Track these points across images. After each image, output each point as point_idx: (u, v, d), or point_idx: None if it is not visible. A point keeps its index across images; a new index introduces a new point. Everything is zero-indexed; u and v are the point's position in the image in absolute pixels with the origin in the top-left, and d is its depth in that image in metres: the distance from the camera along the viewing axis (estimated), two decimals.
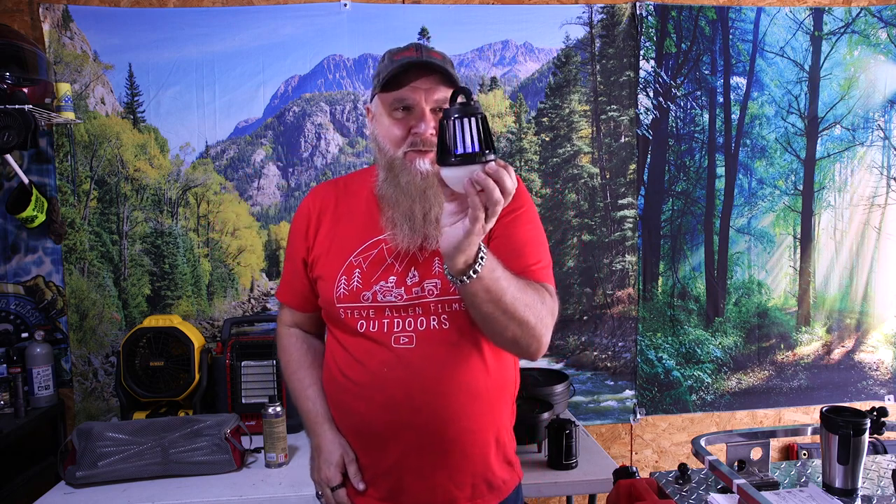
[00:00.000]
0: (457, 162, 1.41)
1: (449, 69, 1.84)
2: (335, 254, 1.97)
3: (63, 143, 3.38)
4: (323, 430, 2.03)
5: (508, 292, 1.61)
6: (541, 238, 1.97)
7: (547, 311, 1.75)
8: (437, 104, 1.82)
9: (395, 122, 1.85)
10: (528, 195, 2.01)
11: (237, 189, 3.57)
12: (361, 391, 1.90)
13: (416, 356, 1.85)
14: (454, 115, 1.42)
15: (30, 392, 3.26)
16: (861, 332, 4.01)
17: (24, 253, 3.41)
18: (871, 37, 3.83)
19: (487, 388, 1.91)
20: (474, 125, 1.41)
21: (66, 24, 3.33)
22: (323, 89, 3.58)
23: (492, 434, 1.95)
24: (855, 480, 2.03)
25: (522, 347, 1.76)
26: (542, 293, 1.76)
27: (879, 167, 3.92)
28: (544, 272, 1.89)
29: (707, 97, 3.78)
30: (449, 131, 1.42)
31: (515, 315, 1.65)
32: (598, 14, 3.65)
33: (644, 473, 2.91)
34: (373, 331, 1.89)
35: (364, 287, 1.89)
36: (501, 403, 1.99)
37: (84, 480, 2.67)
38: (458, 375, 1.86)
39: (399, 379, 1.85)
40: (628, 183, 3.76)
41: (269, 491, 2.65)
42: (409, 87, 1.82)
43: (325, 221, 2.03)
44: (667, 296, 3.85)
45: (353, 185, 2.08)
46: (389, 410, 1.86)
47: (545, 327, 1.74)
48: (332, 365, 2.00)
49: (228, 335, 3.35)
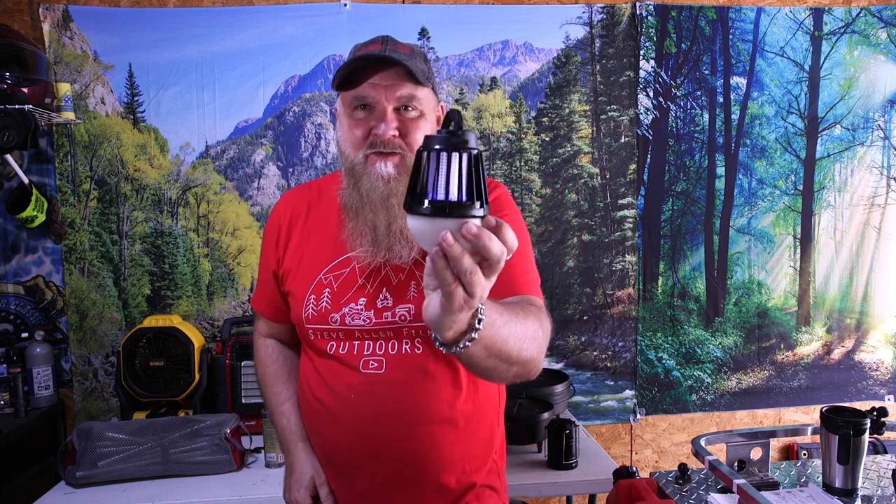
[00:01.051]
0: (427, 211, 0.99)
1: (411, 63, 1.65)
2: (305, 270, 1.85)
3: (63, 143, 3.38)
4: (296, 450, 1.97)
5: (510, 339, 1.30)
6: (529, 250, 1.85)
7: (544, 333, 1.49)
8: (399, 102, 1.67)
9: (354, 123, 1.71)
10: (512, 202, 1.85)
11: (237, 189, 3.57)
12: (329, 415, 1.81)
13: (385, 382, 1.73)
14: (435, 145, 1.01)
15: (30, 392, 3.26)
16: (861, 332, 4.01)
17: (24, 253, 3.42)
18: (871, 37, 3.83)
19: (465, 414, 1.79)
20: (463, 164, 1.00)
21: (66, 24, 3.33)
22: (323, 89, 3.58)
23: (470, 462, 1.82)
24: (855, 480, 2.04)
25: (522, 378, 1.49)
26: (539, 316, 1.51)
27: (879, 167, 3.93)
28: (533, 285, 1.73)
29: (707, 97, 3.78)
30: (425, 167, 1.01)
31: (520, 358, 1.35)
32: (598, 14, 3.65)
33: (644, 473, 2.92)
34: (342, 353, 1.79)
35: (333, 308, 1.78)
36: (481, 428, 1.86)
37: (84, 480, 2.68)
38: (429, 403, 1.74)
39: (366, 406, 1.74)
40: (628, 183, 3.76)
41: (268, 491, 2.65)
42: (369, 83, 1.66)
43: (296, 232, 1.91)
44: (667, 296, 3.85)
45: (327, 192, 1.91)
46: (356, 438, 1.77)
47: (544, 350, 1.48)
48: (305, 384, 1.91)
49: (228, 335, 3.36)
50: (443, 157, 1.00)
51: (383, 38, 1.75)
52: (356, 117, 1.70)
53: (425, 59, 1.76)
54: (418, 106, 1.69)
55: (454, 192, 0.99)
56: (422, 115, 1.70)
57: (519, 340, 1.33)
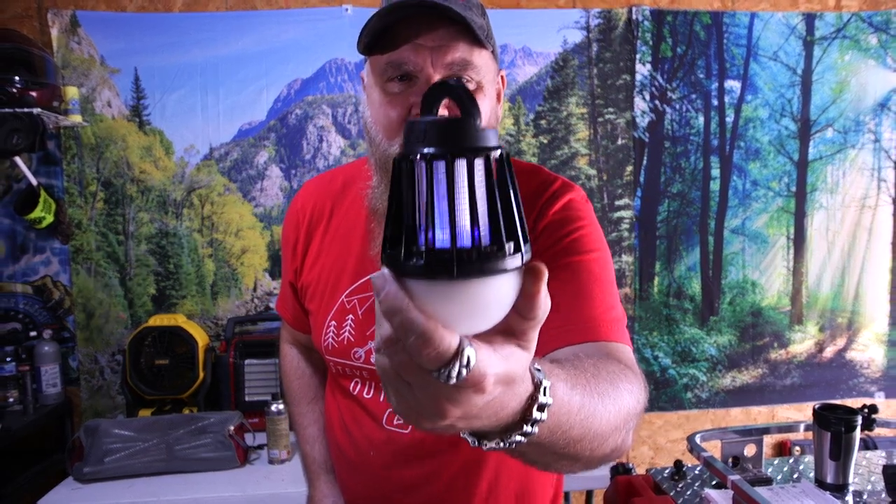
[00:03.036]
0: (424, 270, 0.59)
1: (469, 15, 1.18)
2: (325, 288, 1.51)
3: (70, 146, 3.41)
4: (318, 482, 1.73)
5: (576, 426, 0.82)
6: (609, 275, 1.29)
7: (640, 408, 0.99)
8: (450, 70, 1.22)
9: (389, 100, 1.25)
10: (588, 211, 1.36)
11: (240, 190, 3.59)
12: (350, 465, 1.55)
13: (411, 446, 1.41)
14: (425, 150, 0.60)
15: (38, 390, 3.28)
16: (852, 331, 4.05)
17: (33, 253, 3.44)
18: (862, 42, 3.87)
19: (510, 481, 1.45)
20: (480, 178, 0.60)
21: (74, 30, 3.36)
22: (325, 92, 3.61)
23: None
24: (846, 476, 2.04)
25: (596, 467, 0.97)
26: (632, 383, 0.99)
27: (870, 169, 3.96)
28: (617, 327, 1.20)
29: (702, 100, 3.81)
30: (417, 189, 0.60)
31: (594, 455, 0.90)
32: (595, 19, 3.69)
33: (640, 470, 2.94)
34: (366, 397, 1.47)
35: (357, 342, 1.43)
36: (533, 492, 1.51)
37: (91, 476, 2.71)
38: (464, 474, 1.42)
39: (388, 468, 1.45)
40: (625, 184, 3.80)
41: (271, 487, 2.68)
42: (412, 44, 1.20)
43: (317, 237, 1.55)
44: (663, 295, 3.88)
45: (353, 187, 1.53)
46: (378, 499, 1.49)
47: (630, 430, 0.97)
48: (328, 419, 1.66)
49: (232, 334, 3.38)
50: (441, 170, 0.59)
51: None
52: (391, 91, 1.25)
53: (483, 13, 1.30)
54: (475, 76, 1.25)
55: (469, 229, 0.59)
56: (479, 89, 1.27)
57: (597, 430, 0.86)
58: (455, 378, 0.58)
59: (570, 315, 1.14)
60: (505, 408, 0.67)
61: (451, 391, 0.60)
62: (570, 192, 1.35)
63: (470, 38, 1.20)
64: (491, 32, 1.29)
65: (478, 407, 0.63)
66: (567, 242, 1.26)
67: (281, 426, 2.88)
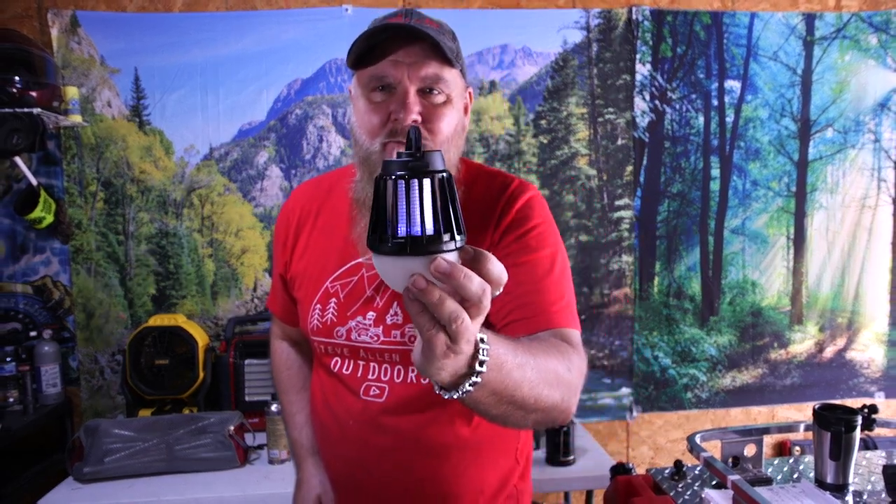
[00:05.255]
0: (392, 249, 0.86)
1: (441, 38, 1.41)
2: (311, 275, 1.68)
3: (70, 146, 3.41)
4: (305, 464, 1.89)
5: (524, 384, 1.10)
6: (562, 268, 1.54)
7: (574, 377, 1.27)
8: (424, 83, 1.43)
9: (372, 107, 1.46)
10: (544, 209, 1.59)
11: (241, 190, 3.60)
12: (332, 439, 1.70)
13: (385, 413, 1.57)
14: (395, 172, 0.86)
15: (38, 390, 3.29)
16: (852, 331, 4.05)
17: (33, 253, 3.44)
18: (862, 42, 3.87)
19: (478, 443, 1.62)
20: (426, 192, 0.86)
21: (74, 30, 3.36)
22: (325, 92, 3.61)
23: (483, 491, 1.65)
24: (846, 476, 2.03)
25: (547, 424, 1.29)
26: (567, 355, 1.29)
27: (870, 169, 3.96)
28: (566, 314, 1.46)
29: (702, 100, 3.82)
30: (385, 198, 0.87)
31: (538, 405, 1.15)
32: (595, 19, 3.69)
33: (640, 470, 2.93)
34: (346, 373, 1.63)
35: (339, 321, 1.60)
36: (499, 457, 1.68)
37: (91, 476, 2.71)
38: (436, 437, 1.57)
39: (366, 436, 1.59)
40: (625, 184, 3.80)
41: (271, 487, 2.68)
42: (389, 60, 1.42)
43: (304, 234, 1.73)
44: (663, 295, 3.88)
45: (338, 189, 1.71)
46: (358, 468, 1.64)
47: (573, 395, 1.27)
48: (314, 399, 1.80)
49: (232, 334, 3.39)
50: (401, 186, 0.85)
51: (407, 10, 1.51)
52: (374, 100, 1.46)
53: (454, 38, 1.52)
54: (445, 89, 1.46)
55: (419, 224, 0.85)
56: (448, 101, 1.47)
57: (536, 385, 1.12)
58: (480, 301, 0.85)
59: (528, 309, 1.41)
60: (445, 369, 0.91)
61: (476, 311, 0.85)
62: (527, 191, 1.58)
63: (441, 58, 1.42)
64: (460, 54, 1.51)
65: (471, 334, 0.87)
66: (525, 241, 1.50)
67: (281, 426, 2.86)
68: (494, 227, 1.53)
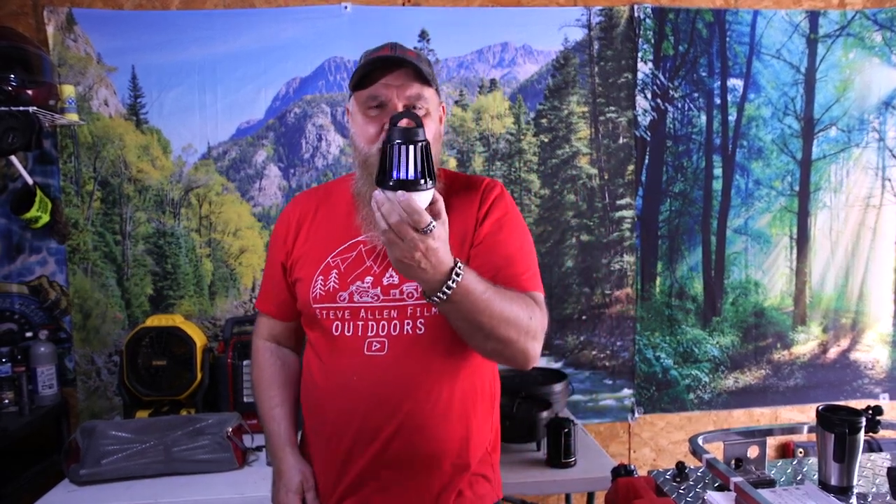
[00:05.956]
0: (390, 187, 1.40)
1: (420, 65, 1.81)
2: (313, 256, 1.96)
3: (67, 145, 3.39)
4: (284, 454, 2.02)
5: (485, 312, 1.58)
6: (528, 245, 1.96)
7: (535, 324, 1.71)
8: (409, 100, 1.81)
9: (369, 120, 1.84)
10: (510, 200, 2.00)
11: (239, 190, 3.58)
12: (332, 399, 1.89)
13: (386, 364, 1.83)
14: (396, 139, 1.42)
15: (34, 391, 3.27)
16: (856, 332, 4.03)
17: (29, 253, 3.43)
18: (866, 39, 3.85)
19: (462, 398, 1.90)
20: (412, 153, 1.41)
21: (70, 27, 3.35)
22: (324, 91, 3.60)
23: (464, 448, 1.91)
24: (850, 478, 2.02)
25: (507, 359, 1.75)
26: (530, 307, 1.72)
27: (874, 168, 3.95)
28: (533, 281, 1.87)
29: (704, 99, 3.80)
30: (388, 155, 1.42)
31: (493, 333, 1.63)
32: (596, 16, 3.67)
33: (642, 472, 2.92)
34: (347, 334, 1.87)
35: (340, 287, 1.88)
36: (477, 414, 1.95)
37: (88, 478, 2.69)
38: (428, 385, 1.84)
39: (367, 388, 1.83)
40: (626, 184, 3.78)
41: (270, 489, 2.63)
42: (381, 83, 1.81)
43: (305, 227, 2.02)
44: (664, 295, 3.87)
45: (335, 191, 2.08)
46: (356, 420, 1.85)
47: (531, 340, 1.71)
48: (307, 374, 2.00)
49: (230, 334, 3.37)
50: (397, 148, 1.41)
51: (392, 44, 1.88)
52: (370, 115, 1.83)
53: (429, 64, 1.90)
54: (425, 105, 1.83)
55: (406, 172, 1.41)
56: (427, 114, 1.84)
57: (495, 317, 1.61)
58: (427, 230, 1.40)
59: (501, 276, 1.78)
60: (442, 262, 1.47)
61: (424, 237, 1.40)
62: (496, 186, 2.00)
63: (421, 80, 1.82)
64: (435, 77, 1.90)
65: (431, 248, 1.42)
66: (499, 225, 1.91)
67: None
68: (476, 216, 1.91)
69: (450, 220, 1.55)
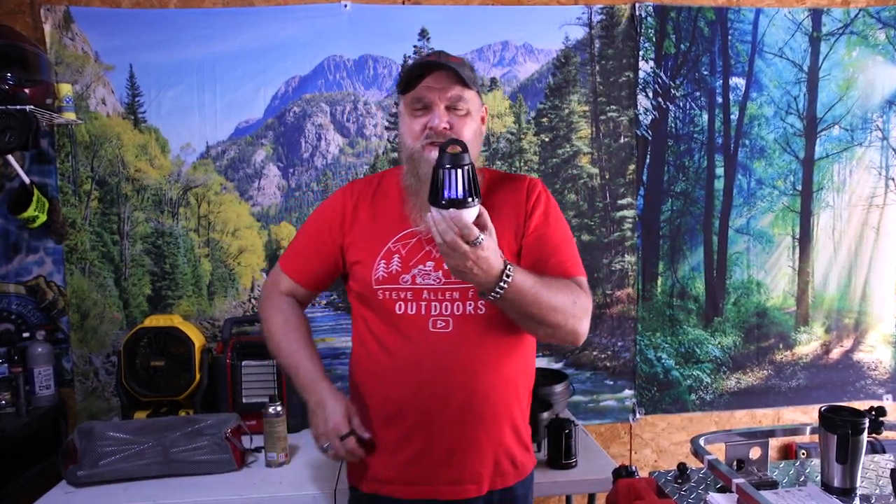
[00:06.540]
0: (441, 205, 1.65)
1: (460, 69, 1.97)
2: (373, 240, 2.11)
3: (64, 144, 3.38)
4: (323, 386, 2.10)
5: (535, 304, 1.84)
6: (570, 235, 2.19)
7: (579, 308, 1.95)
8: (450, 101, 2.00)
9: (414, 119, 2.03)
10: (550, 195, 2.22)
11: (238, 189, 3.57)
12: (396, 374, 2.04)
13: (453, 340, 2.00)
14: (446, 164, 1.65)
15: (31, 391, 3.26)
16: (859, 332, 4.02)
17: (26, 253, 3.42)
18: (870, 38, 3.84)
19: (514, 373, 2.10)
20: (459, 175, 1.64)
21: (68, 25, 3.33)
22: (323, 90, 3.59)
23: (515, 417, 2.13)
24: (853, 480, 2.02)
25: (559, 340, 2.04)
26: (575, 293, 1.96)
27: (878, 167, 3.93)
28: (577, 267, 2.09)
29: (706, 98, 3.79)
30: (439, 177, 1.66)
31: (544, 320, 1.88)
32: (597, 15, 3.66)
33: (643, 473, 2.92)
34: (411, 313, 2.02)
35: (403, 270, 2.04)
36: (524, 389, 2.18)
37: (85, 480, 2.68)
38: (489, 360, 2.02)
39: (436, 362, 1.99)
40: (627, 183, 3.77)
41: (269, 490, 2.65)
42: (425, 86, 1.99)
43: (362, 211, 2.17)
44: (666, 296, 3.86)
45: (386, 182, 2.24)
46: (423, 392, 2.00)
47: (578, 321, 1.95)
48: (361, 349, 2.15)
49: (229, 335, 3.36)
50: (446, 172, 1.65)
51: (438, 52, 2.11)
52: (416, 115, 2.04)
53: (471, 69, 2.10)
54: (465, 105, 2.03)
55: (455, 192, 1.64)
56: (468, 114, 2.04)
57: (544, 307, 1.86)
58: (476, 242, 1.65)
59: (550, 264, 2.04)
60: (493, 267, 1.71)
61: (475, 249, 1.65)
62: (538, 182, 2.22)
63: (462, 83, 2.00)
64: (476, 80, 2.09)
65: (482, 257, 1.67)
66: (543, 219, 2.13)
67: (279, 428, 2.87)
68: (525, 209, 2.13)
69: (500, 211, 1.98)
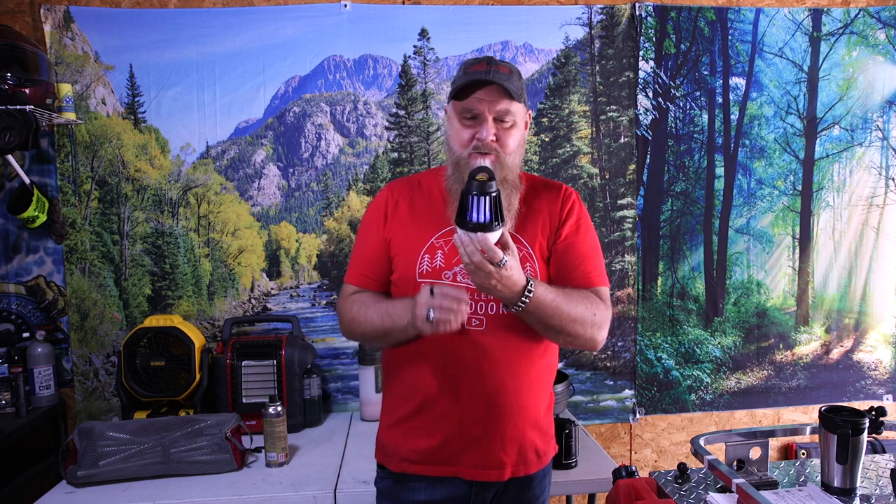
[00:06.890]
0: (468, 227, 1.76)
1: (509, 84, 2.03)
2: (416, 234, 2.18)
3: (64, 144, 3.38)
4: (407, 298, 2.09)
5: (556, 316, 1.97)
6: (598, 246, 2.28)
7: (598, 318, 2.07)
8: (498, 114, 2.06)
9: (463, 128, 2.09)
10: (583, 205, 2.30)
11: (238, 189, 3.57)
12: (433, 366, 2.13)
13: (486, 338, 2.09)
14: (474, 191, 1.77)
15: (31, 392, 3.27)
16: (859, 332, 4.02)
17: (26, 253, 3.42)
18: (870, 38, 3.84)
19: (540, 370, 2.19)
20: (486, 202, 1.76)
21: (68, 25, 3.34)
22: (323, 90, 3.59)
23: (538, 411, 2.21)
24: (853, 480, 2.03)
25: (578, 347, 2.15)
26: (595, 304, 2.08)
27: (878, 167, 3.93)
28: (601, 277, 2.19)
29: (706, 98, 3.78)
30: (468, 202, 1.77)
31: (563, 330, 2.01)
32: (597, 15, 3.66)
33: (643, 473, 2.92)
34: None
35: (446, 266, 2.12)
36: (547, 385, 2.28)
37: (85, 480, 2.68)
38: (518, 357, 2.12)
39: (470, 357, 2.09)
40: (627, 183, 3.77)
41: (269, 490, 2.66)
42: (475, 97, 2.05)
43: (402, 207, 2.24)
44: (666, 296, 3.85)
45: (427, 182, 2.30)
46: (457, 384, 2.10)
47: (596, 331, 2.08)
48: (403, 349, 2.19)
49: (229, 335, 3.37)
50: (474, 199, 1.77)
51: (488, 58, 2.12)
52: (465, 124, 2.10)
53: (520, 77, 2.14)
54: (512, 118, 2.08)
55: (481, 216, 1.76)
56: (514, 125, 2.10)
57: (564, 320, 1.99)
58: (500, 263, 1.80)
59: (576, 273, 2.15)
60: (516, 284, 1.86)
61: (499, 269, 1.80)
62: (573, 192, 2.30)
63: (509, 96, 2.05)
64: (524, 91, 2.14)
65: (505, 276, 1.82)
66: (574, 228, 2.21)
67: (279, 428, 2.87)
68: (559, 215, 2.22)
69: (536, 216, 2.17)
